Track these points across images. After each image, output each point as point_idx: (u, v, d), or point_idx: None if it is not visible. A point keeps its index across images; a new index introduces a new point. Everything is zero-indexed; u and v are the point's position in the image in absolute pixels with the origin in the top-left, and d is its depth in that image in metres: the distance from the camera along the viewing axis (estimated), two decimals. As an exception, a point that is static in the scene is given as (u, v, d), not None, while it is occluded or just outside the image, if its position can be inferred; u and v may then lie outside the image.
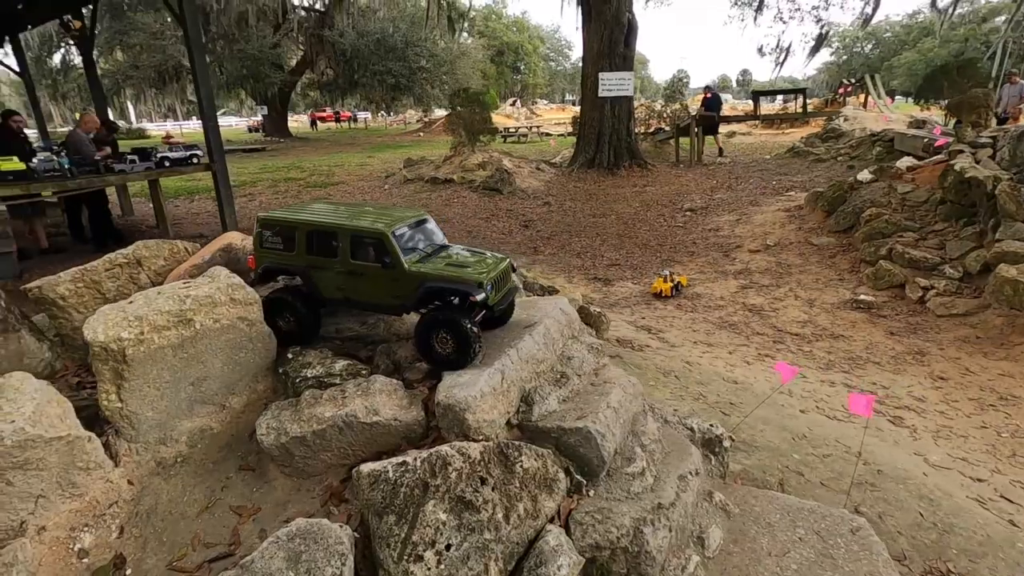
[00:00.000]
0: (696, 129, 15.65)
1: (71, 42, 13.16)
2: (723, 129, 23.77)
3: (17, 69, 14.24)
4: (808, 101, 23.63)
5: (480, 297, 2.23)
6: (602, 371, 2.77)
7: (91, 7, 11.76)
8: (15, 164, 8.01)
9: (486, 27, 61.39)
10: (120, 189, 12.38)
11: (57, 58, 27.45)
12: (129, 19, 21.20)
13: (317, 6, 30.30)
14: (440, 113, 36.80)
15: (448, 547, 1.77)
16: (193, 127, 48.72)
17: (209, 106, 10.01)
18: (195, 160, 9.74)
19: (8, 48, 13.90)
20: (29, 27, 13.96)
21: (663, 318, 6.18)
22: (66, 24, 11.94)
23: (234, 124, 47.07)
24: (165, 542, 1.93)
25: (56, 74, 25.68)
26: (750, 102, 29.81)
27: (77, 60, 26.80)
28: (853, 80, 28.33)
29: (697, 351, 5.05)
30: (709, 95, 16.24)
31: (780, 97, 32.57)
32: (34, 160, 8.34)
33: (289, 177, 18.32)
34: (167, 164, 9.42)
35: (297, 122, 46.64)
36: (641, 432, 2.52)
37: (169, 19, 24.19)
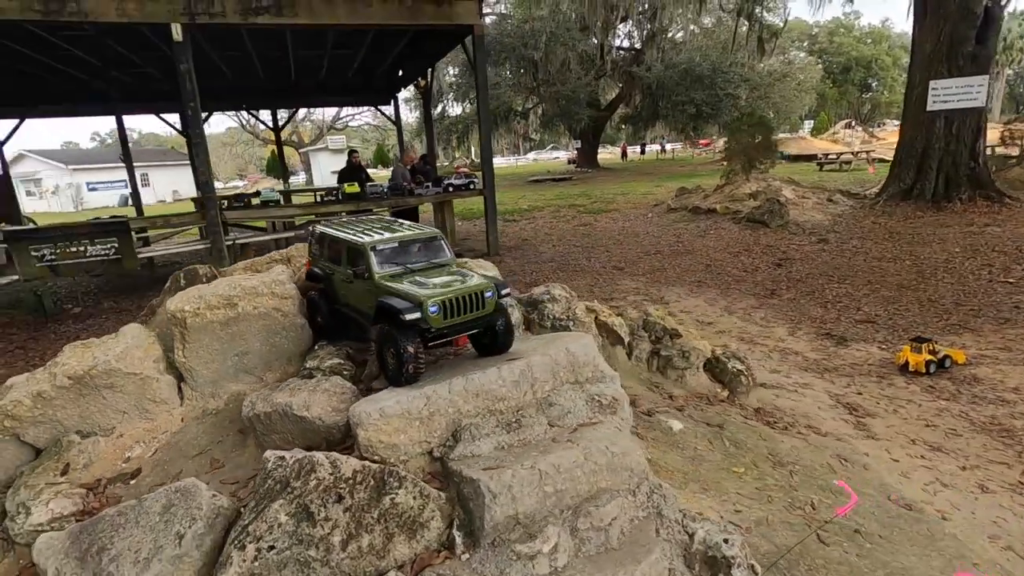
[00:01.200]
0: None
1: (420, 96, 17.23)
2: None
3: (394, 119, 19.34)
4: None
5: (409, 317, 2.19)
6: (588, 428, 2.33)
7: (431, 71, 15.21)
8: (353, 188, 10.99)
9: (830, 43, 54.49)
10: (435, 208, 15.52)
11: (439, 109, 35.81)
12: (477, 75, 26.44)
13: (637, 45, 32.03)
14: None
15: (271, 548, 1.82)
16: (527, 160, 56.76)
17: (487, 144, 11.78)
18: (471, 187, 11.54)
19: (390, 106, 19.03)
20: (403, 89, 18.70)
21: (891, 399, 4.55)
22: (417, 84, 15.70)
23: (558, 157, 53.06)
24: (165, 470, 2.50)
25: (434, 121, 33.48)
26: None
27: (454, 111, 34.53)
28: None
29: (897, 453, 3.57)
30: None
31: None
32: (371, 188, 11.26)
33: (574, 204, 19.82)
34: (451, 189, 11.42)
35: (612, 154, 49.78)
36: (586, 512, 2.04)
37: (508, 72, 29.04)
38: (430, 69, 15.08)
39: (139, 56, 11.77)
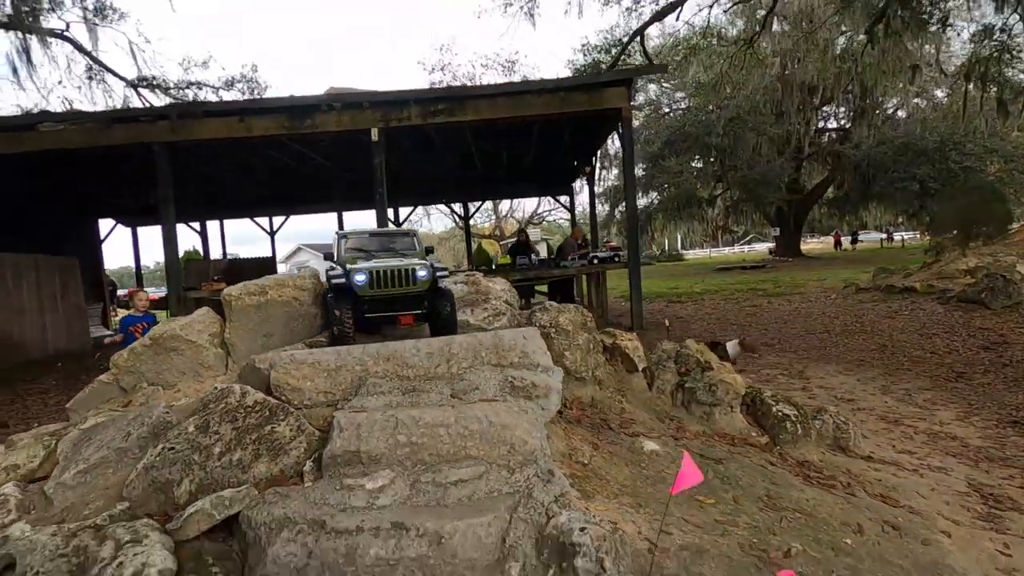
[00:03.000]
0: None
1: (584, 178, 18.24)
2: None
3: (568, 206, 20.66)
4: None
5: (335, 282, 2.48)
6: (486, 404, 2.26)
7: (594, 159, 16.20)
8: (505, 260, 11.97)
9: None
10: (588, 279, 15.75)
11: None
12: (659, 165, 26.77)
13: (844, 123, 29.48)
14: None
15: (171, 448, 2.17)
16: (723, 251, 54.21)
17: (632, 221, 11.83)
18: (616, 259, 11.59)
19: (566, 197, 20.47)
20: (576, 178, 19.99)
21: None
22: (583, 171, 16.75)
23: (757, 248, 49.56)
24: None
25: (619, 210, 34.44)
26: None
27: (641, 201, 35.29)
28: None
29: (1023, 551, 2.51)
30: None
31: None
32: (519, 259, 12.19)
33: (755, 288, 18.25)
34: (595, 261, 11.63)
35: (823, 243, 44.95)
36: (436, 469, 1.97)
37: (695, 162, 28.95)
38: (593, 159, 16.05)
39: (358, 158, 14.89)
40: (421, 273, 2.59)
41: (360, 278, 2.55)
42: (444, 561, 1.69)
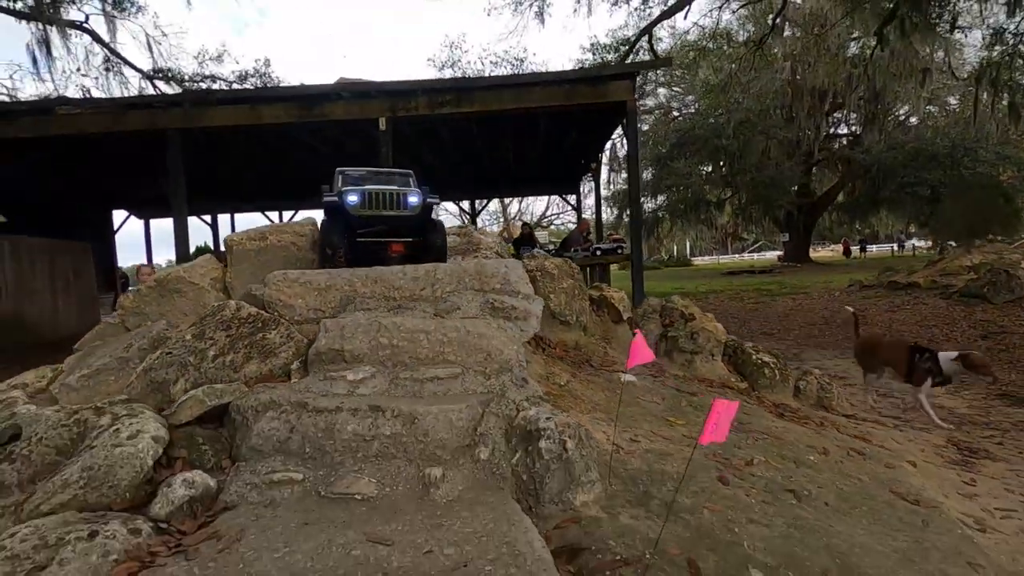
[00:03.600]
0: None
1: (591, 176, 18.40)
2: None
3: (573, 204, 20.79)
4: None
5: (327, 199, 2.63)
6: (467, 320, 2.38)
7: (600, 155, 16.30)
8: (510, 250, 12.07)
9: None
10: (592, 273, 15.88)
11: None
12: (668, 167, 26.84)
13: (855, 129, 29.42)
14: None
15: (169, 353, 2.30)
16: (732, 257, 54.02)
17: (635, 208, 11.92)
18: (619, 251, 11.69)
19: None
20: (584, 176, 20.16)
21: None
22: (589, 167, 16.88)
23: (767, 255, 49.33)
24: (185, 346, 3.20)
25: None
26: None
27: (648, 205, 35.40)
28: None
29: (986, 485, 2.57)
30: None
31: None
32: (523, 250, 12.32)
33: (759, 288, 18.30)
34: (598, 253, 11.73)
35: (833, 251, 44.76)
36: (413, 367, 2.09)
37: (704, 165, 28.99)
38: (600, 155, 16.18)
39: (364, 151, 15.10)
40: (412, 199, 2.72)
41: (353, 198, 2.69)
42: (416, 439, 1.80)
